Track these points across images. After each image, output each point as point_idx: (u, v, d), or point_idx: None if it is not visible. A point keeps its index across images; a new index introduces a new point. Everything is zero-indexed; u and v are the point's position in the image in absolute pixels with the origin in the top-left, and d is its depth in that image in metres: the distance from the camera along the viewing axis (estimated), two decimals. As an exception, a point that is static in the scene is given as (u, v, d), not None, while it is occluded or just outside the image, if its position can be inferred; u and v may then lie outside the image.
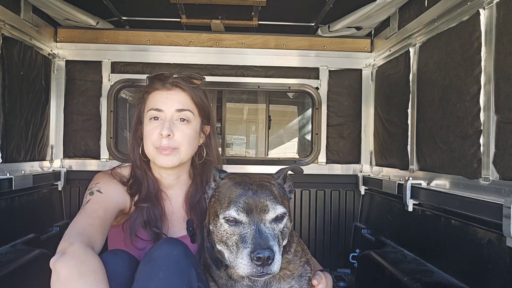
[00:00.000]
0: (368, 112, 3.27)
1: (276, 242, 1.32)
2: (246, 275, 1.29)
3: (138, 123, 1.80)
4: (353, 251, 3.17)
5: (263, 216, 1.35)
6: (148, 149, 1.71)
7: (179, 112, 1.69)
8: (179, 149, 1.68)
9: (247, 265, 1.27)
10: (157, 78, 1.75)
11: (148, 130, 1.70)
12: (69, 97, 3.14)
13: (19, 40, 2.53)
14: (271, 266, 1.27)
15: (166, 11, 2.93)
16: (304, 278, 1.57)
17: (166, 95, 1.71)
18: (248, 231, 1.32)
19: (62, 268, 1.27)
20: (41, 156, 2.90)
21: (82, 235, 1.40)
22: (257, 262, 1.25)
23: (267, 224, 1.35)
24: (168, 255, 1.36)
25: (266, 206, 1.36)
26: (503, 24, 1.72)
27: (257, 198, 1.37)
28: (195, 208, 1.79)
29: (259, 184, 1.42)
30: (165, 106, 1.69)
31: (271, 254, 1.25)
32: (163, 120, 1.68)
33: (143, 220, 1.68)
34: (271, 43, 3.23)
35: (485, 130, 1.81)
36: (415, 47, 2.49)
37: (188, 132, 1.70)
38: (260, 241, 1.28)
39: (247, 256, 1.27)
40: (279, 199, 1.41)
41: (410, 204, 2.35)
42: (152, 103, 1.71)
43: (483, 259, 1.77)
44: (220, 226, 1.39)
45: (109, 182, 1.68)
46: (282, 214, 1.39)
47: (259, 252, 1.25)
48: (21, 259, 2.14)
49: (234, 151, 6.37)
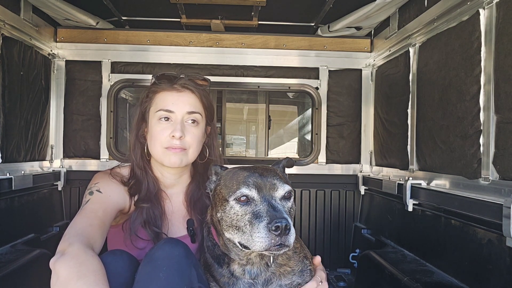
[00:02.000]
0: (368, 112, 3.27)
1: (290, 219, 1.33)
2: (263, 249, 1.28)
3: (141, 121, 1.79)
4: (353, 251, 3.17)
5: (273, 193, 1.39)
6: (155, 149, 1.71)
7: (189, 114, 1.70)
8: (188, 150, 1.71)
9: (264, 238, 1.27)
10: (165, 78, 1.74)
11: (157, 131, 1.69)
12: (69, 97, 3.14)
13: (19, 40, 2.53)
14: (289, 237, 1.27)
15: (166, 11, 2.93)
16: (305, 272, 1.59)
17: (177, 96, 1.71)
18: (261, 207, 1.34)
19: (61, 268, 1.27)
20: (41, 156, 2.90)
21: (81, 235, 1.40)
22: (276, 232, 1.25)
23: (278, 201, 1.38)
24: (169, 255, 1.36)
25: (274, 185, 1.40)
26: (503, 24, 1.72)
27: (265, 178, 1.40)
28: (196, 205, 1.79)
29: (263, 168, 1.47)
30: (176, 107, 1.69)
31: (288, 224, 1.27)
32: (173, 121, 1.69)
33: (143, 219, 1.68)
34: (271, 43, 3.23)
35: (485, 130, 1.81)
36: (415, 47, 2.49)
37: (197, 134, 1.73)
38: (275, 213, 1.30)
39: (264, 229, 1.27)
40: (284, 180, 1.45)
41: (410, 204, 2.35)
42: (162, 103, 1.71)
43: (483, 259, 1.77)
44: (231, 209, 1.40)
45: (109, 182, 1.68)
46: (289, 192, 1.43)
47: (277, 221, 1.26)
48: (21, 259, 2.14)
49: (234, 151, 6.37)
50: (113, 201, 1.64)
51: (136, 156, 1.78)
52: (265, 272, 1.51)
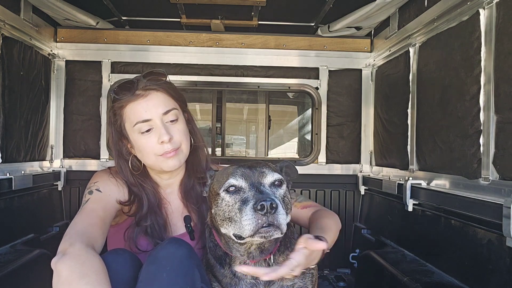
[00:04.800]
0: (368, 112, 3.27)
1: (279, 201, 1.33)
2: (253, 231, 1.28)
3: (120, 140, 1.71)
4: (353, 251, 3.17)
5: (262, 180, 1.40)
6: (149, 159, 1.66)
7: (166, 115, 1.64)
8: (180, 147, 1.68)
9: (251, 219, 1.27)
10: (124, 89, 1.65)
11: (144, 143, 1.63)
12: (69, 97, 3.13)
13: (19, 40, 2.53)
14: (276, 215, 1.27)
15: (166, 11, 2.93)
16: (307, 275, 1.58)
17: (145, 102, 1.63)
18: (249, 194, 1.35)
19: (63, 268, 1.27)
20: (41, 156, 2.90)
21: (82, 235, 1.40)
22: (261, 211, 1.26)
23: (267, 187, 1.39)
24: (172, 255, 1.36)
25: (263, 172, 1.42)
26: (503, 24, 1.72)
27: (254, 168, 1.43)
28: (190, 195, 1.78)
29: (255, 162, 1.49)
30: (150, 113, 1.62)
31: (274, 202, 1.27)
32: (155, 128, 1.63)
33: (147, 231, 1.67)
34: (271, 43, 3.23)
35: (485, 130, 1.81)
36: (415, 47, 2.49)
37: (182, 128, 1.69)
38: (261, 196, 1.31)
39: (250, 210, 1.29)
40: (275, 170, 1.47)
41: (410, 204, 2.35)
42: (134, 116, 1.63)
43: (483, 259, 1.77)
44: (222, 201, 1.41)
45: (108, 181, 1.67)
46: (280, 180, 1.43)
47: (262, 200, 1.27)
48: (20, 260, 2.14)
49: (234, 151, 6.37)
50: (113, 200, 1.63)
51: (126, 175, 1.70)
52: None
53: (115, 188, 1.67)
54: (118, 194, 1.66)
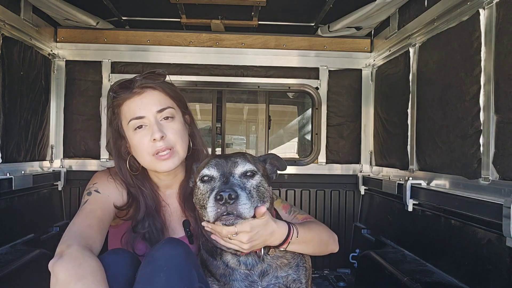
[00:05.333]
0: (368, 112, 3.27)
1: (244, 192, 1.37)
2: (213, 218, 1.35)
3: (119, 139, 1.71)
4: (353, 251, 3.17)
5: (233, 170, 1.45)
6: (144, 159, 1.65)
7: (160, 113, 1.63)
8: (175, 147, 1.64)
9: (212, 207, 1.34)
10: (121, 87, 1.66)
11: (137, 141, 1.63)
12: (69, 97, 3.13)
13: (19, 40, 2.53)
14: (236, 206, 1.33)
15: (166, 11, 2.93)
16: (301, 268, 1.62)
17: (141, 99, 1.63)
18: (218, 183, 1.42)
19: (60, 271, 1.27)
20: (41, 156, 2.90)
21: (80, 236, 1.40)
22: (220, 201, 1.32)
23: (236, 177, 1.43)
24: (169, 255, 1.36)
25: (236, 162, 1.46)
26: (503, 24, 1.72)
27: (229, 158, 1.48)
28: (188, 200, 1.76)
29: (235, 153, 1.54)
30: (144, 111, 1.62)
31: (233, 194, 1.32)
32: (148, 125, 1.62)
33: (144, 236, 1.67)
34: (271, 43, 3.23)
35: (485, 130, 1.81)
36: (415, 47, 2.49)
37: (177, 128, 1.66)
38: (224, 186, 1.37)
39: (212, 199, 1.35)
40: (250, 161, 1.50)
41: (410, 204, 2.35)
42: (129, 113, 1.64)
43: (483, 259, 1.77)
44: (198, 190, 1.48)
45: (107, 182, 1.67)
46: (252, 171, 1.47)
47: (221, 191, 1.33)
48: (21, 259, 2.14)
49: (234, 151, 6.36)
50: (111, 201, 1.62)
51: (125, 176, 1.70)
52: (261, 263, 1.55)
53: (114, 190, 1.66)
54: (117, 196, 1.66)
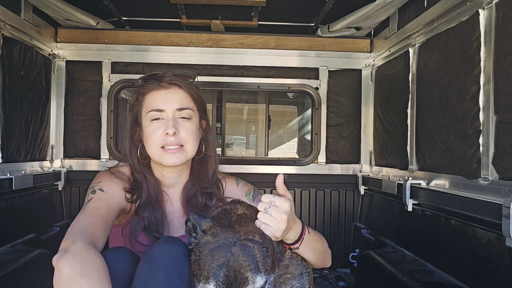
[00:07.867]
0: (367, 112, 3.27)
1: None
2: None
3: (135, 125, 1.78)
4: (352, 251, 3.18)
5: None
6: (152, 150, 1.70)
7: (180, 111, 1.69)
8: (185, 146, 1.69)
9: None
10: (152, 78, 1.73)
11: (150, 131, 1.69)
12: (69, 97, 3.14)
13: (19, 41, 2.53)
14: None
15: (166, 11, 2.93)
16: (304, 274, 1.58)
17: (165, 94, 1.70)
18: None
19: (64, 266, 1.27)
20: (42, 156, 2.91)
21: (84, 233, 1.40)
22: None
23: None
24: (168, 254, 1.36)
25: (246, 279, 1.28)
26: (502, 24, 1.73)
27: (238, 268, 1.29)
28: (190, 202, 1.79)
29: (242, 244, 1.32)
30: (166, 105, 1.68)
31: None
32: (165, 119, 1.68)
33: (144, 225, 1.68)
34: (271, 43, 3.23)
35: (484, 130, 1.81)
36: (415, 47, 2.50)
37: (191, 129, 1.71)
38: None
39: None
40: (260, 267, 1.32)
41: (410, 204, 2.36)
42: (151, 104, 1.70)
43: (482, 259, 1.77)
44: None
45: (111, 181, 1.68)
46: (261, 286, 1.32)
47: None
48: (21, 259, 2.14)
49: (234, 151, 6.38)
50: (115, 200, 1.64)
51: (133, 161, 1.77)
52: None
53: (117, 189, 1.68)
54: (121, 195, 1.68)
